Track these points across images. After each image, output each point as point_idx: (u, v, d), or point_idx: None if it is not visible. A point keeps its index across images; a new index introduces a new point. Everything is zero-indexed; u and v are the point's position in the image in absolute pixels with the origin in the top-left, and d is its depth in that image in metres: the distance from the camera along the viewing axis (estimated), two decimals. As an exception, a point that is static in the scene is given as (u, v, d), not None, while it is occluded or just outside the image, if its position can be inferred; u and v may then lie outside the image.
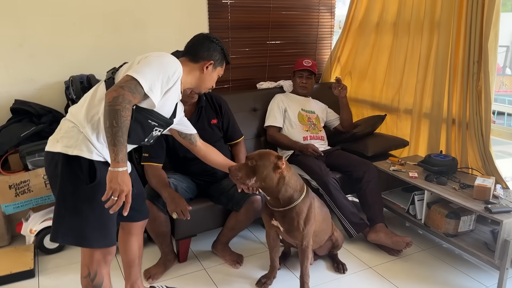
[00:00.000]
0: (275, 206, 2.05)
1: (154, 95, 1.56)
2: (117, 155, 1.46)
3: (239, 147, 2.66)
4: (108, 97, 1.46)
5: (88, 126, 1.61)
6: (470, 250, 2.37)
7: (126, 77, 1.53)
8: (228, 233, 2.55)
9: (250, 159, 1.96)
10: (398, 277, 2.41)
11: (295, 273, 2.45)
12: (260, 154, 1.97)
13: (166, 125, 1.76)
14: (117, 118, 1.44)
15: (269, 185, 1.97)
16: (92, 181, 1.60)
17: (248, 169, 1.95)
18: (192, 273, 2.46)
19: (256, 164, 1.94)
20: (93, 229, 1.63)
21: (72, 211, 1.62)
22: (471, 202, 2.36)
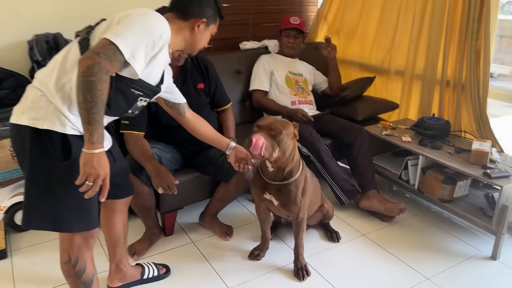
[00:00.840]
0: (274, 179, 1.90)
1: (136, 63, 1.33)
2: (91, 135, 1.26)
3: (227, 114, 2.47)
4: (82, 65, 1.24)
5: (59, 95, 1.39)
6: (466, 215, 2.33)
7: (103, 41, 1.29)
8: (217, 204, 2.41)
9: (270, 128, 1.76)
10: (392, 244, 2.36)
11: (287, 243, 2.36)
12: (280, 122, 1.79)
13: (153, 94, 1.54)
14: (92, 91, 1.23)
15: (285, 157, 1.82)
16: (66, 158, 1.39)
17: (270, 139, 1.75)
18: (179, 247, 2.33)
19: (280, 133, 1.76)
20: (71, 212, 1.45)
21: (45, 192, 1.43)
22: (468, 167, 2.29)
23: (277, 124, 1.76)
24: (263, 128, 1.77)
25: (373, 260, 2.23)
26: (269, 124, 1.77)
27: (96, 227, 1.54)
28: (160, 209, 2.30)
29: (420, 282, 2.07)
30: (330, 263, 2.21)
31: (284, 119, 1.84)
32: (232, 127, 2.43)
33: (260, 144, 1.70)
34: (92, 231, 1.54)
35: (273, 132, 1.75)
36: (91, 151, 1.27)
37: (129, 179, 1.82)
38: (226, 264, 2.19)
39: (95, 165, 1.28)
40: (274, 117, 1.85)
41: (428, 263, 2.20)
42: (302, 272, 2.08)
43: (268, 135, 1.74)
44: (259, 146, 1.70)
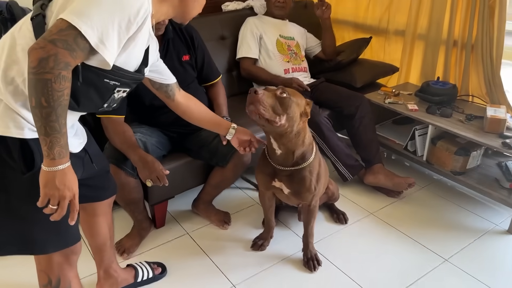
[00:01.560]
0: (283, 165, 1.67)
1: (107, 51, 1.03)
2: (51, 148, 0.99)
3: (217, 89, 2.18)
4: (32, 59, 0.94)
5: (9, 90, 1.09)
6: (480, 188, 2.18)
7: (60, 23, 0.99)
8: (212, 191, 2.17)
9: (279, 89, 1.53)
10: (403, 222, 2.20)
11: (291, 228, 2.17)
12: (291, 90, 1.56)
13: (134, 82, 1.23)
14: (48, 93, 0.95)
15: (289, 132, 1.57)
16: (29, 169, 1.11)
17: (278, 100, 1.50)
18: (173, 240, 2.10)
19: (289, 97, 1.51)
20: (42, 230, 1.17)
21: (7, 212, 1.15)
22: (483, 136, 2.12)
23: (287, 89, 1.53)
24: (271, 89, 1.54)
25: (386, 241, 2.07)
26: (279, 87, 1.55)
27: (77, 241, 1.28)
28: (149, 201, 2.04)
29: (439, 264, 1.92)
30: (340, 248, 2.03)
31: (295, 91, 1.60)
32: (225, 104, 2.16)
33: (263, 99, 1.46)
34: (73, 247, 1.28)
35: (280, 94, 1.51)
36: (52, 168, 1.01)
37: (110, 176, 1.54)
38: (227, 257, 1.98)
39: (58, 185, 1.02)
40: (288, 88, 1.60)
41: (444, 242, 2.06)
42: (312, 262, 1.90)
43: (274, 96, 1.50)
44: (261, 99, 1.45)
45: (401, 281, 1.84)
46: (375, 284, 1.82)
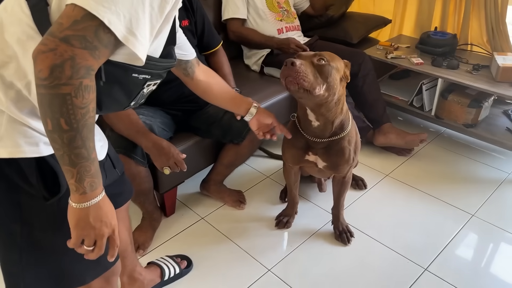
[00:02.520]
0: (321, 136, 1.51)
1: (138, 42, 0.78)
2: (80, 181, 0.77)
3: (220, 57, 1.95)
4: (41, 66, 0.70)
5: (10, 98, 0.84)
6: (494, 138, 2.17)
7: (72, 10, 0.72)
8: (224, 170, 1.99)
9: (315, 55, 1.34)
10: (419, 180, 2.16)
11: (312, 201, 2.06)
12: (329, 53, 1.37)
13: (166, 70, 0.97)
14: (68, 112, 0.71)
15: (330, 101, 1.40)
16: (53, 192, 0.88)
17: (316, 69, 1.32)
18: (189, 227, 1.92)
19: (328, 64, 1.33)
20: (78, 260, 0.96)
21: (33, 247, 0.94)
22: (496, 86, 2.07)
23: (324, 54, 1.35)
24: (305, 56, 1.35)
25: (409, 203, 2.02)
26: (314, 53, 1.36)
27: (117, 260, 1.08)
28: (160, 189, 1.83)
29: (468, 221, 1.90)
30: (367, 215, 1.95)
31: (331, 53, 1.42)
32: (230, 74, 1.94)
33: (302, 70, 1.28)
34: (113, 267, 1.08)
35: (318, 61, 1.33)
36: (83, 204, 0.79)
37: (125, 178, 1.29)
38: (253, 239, 1.84)
39: (93, 223, 0.81)
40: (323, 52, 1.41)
41: (465, 196, 2.04)
42: (346, 234, 1.81)
43: (312, 65, 1.33)
44: (301, 70, 1.28)
45: (436, 242, 1.80)
46: (413, 249, 1.77)
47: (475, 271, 1.67)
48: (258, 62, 2.39)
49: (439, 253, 1.75)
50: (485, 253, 1.76)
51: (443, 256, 1.73)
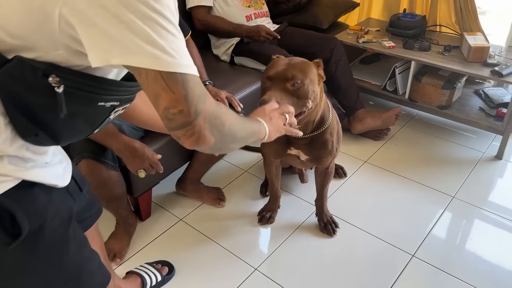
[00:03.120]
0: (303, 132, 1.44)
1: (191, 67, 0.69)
2: None
3: (189, 47, 1.80)
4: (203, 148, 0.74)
5: None
6: (469, 119, 2.18)
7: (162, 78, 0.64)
8: (201, 167, 1.89)
9: (286, 78, 1.24)
10: (397, 165, 2.14)
11: (294, 193, 2.00)
12: (299, 66, 1.27)
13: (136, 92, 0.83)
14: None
15: (314, 109, 1.36)
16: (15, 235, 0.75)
17: (293, 94, 1.24)
18: (168, 230, 1.82)
19: (303, 84, 1.25)
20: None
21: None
22: (469, 66, 2.08)
23: (293, 71, 1.25)
24: (277, 80, 1.25)
25: (391, 189, 2.00)
26: (283, 72, 1.25)
27: (109, 280, 0.98)
28: (133, 193, 1.72)
29: (449, 203, 1.91)
30: (350, 204, 1.92)
31: (301, 59, 1.34)
32: (202, 67, 1.84)
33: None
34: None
35: (292, 85, 1.24)
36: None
37: (93, 197, 1.14)
38: (236, 238, 1.77)
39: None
40: (285, 59, 1.32)
41: (444, 179, 2.04)
42: (330, 225, 1.77)
43: (286, 92, 1.23)
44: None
45: (420, 227, 1.79)
46: (399, 236, 1.75)
47: (459, 253, 1.67)
48: (228, 52, 2.29)
49: (424, 238, 1.74)
50: (468, 233, 1.76)
51: (428, 240, 1.73)
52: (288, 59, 1.31)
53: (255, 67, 2.22)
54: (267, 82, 1.27)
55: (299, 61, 1.30)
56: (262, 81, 1.31)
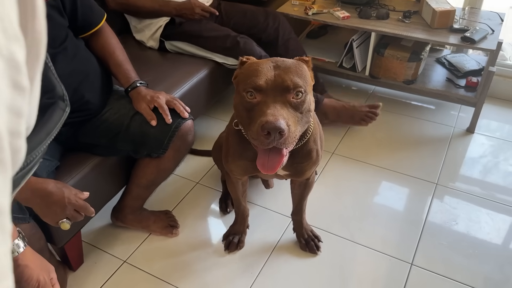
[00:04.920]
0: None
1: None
2: None
3: (107, 38, 1.37)
4: None
5: None
6: (438, 92, 1.97)
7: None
8: (143, 193, 1.47)
9: (290, 89, 0.90)
10: (368, 153, 1.88)
11: (258, 203, 1.66)
12: (296, 71, 0.93)
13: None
14: None
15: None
16: None
17: (293, 112, 0.92)
18: (110, 279, 1.40)
19: (306, 93, 0.92)
20: None
21: None
22: (435, 33, 1.85)
23: (294, 78, 0.91)
24: (272, 92, 0.90)
25: (368, 183, 1.74)
26: (280, 79, 0.90)
27: None
28: (57, 243, 1.28)
29: (434, 191, 1.69)
30: (327, 209, 1.63)
31: (289, 59, 0.97)
32: (127, 61, 1.38)
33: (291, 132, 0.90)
34: None
35: (296, 98, 0.91)
36: None
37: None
38: (201, 276, 1.40)
39: None
40: (267, 61, 0.95)
41: (421, 163, 1.82)
42: (313, 242, 1.47)
43: (288, 108, 0.90)
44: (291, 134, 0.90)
45: (412, 226, 1.55)
46: (390, 242, 1.50)
47: (459, 253, 1.46)
48: (155, 36, 1.84)
49: (418, 240, 1.51)
50: (466, 227, 1.56)
51: (423, 242, 1.49)
52: (272, 60, 0.95)
53: (194, 52, 1.81)
54: (256, 95, 0.90)
55: (291, 62, 0.95)
56: (241, 91, 0.93)
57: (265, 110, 0.86)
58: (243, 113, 0.93)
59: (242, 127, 0.98)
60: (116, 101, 1.36)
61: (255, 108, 0.89)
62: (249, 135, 0.92)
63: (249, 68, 0.95)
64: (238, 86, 0.97)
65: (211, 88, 1.80)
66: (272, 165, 0.94)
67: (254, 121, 0.89)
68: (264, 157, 0.94)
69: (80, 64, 1.25)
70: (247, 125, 0.93)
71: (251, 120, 0.90)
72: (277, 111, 0.86)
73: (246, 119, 0.93)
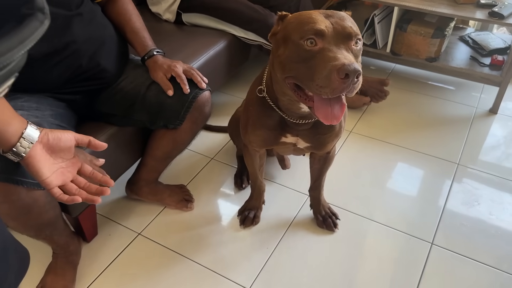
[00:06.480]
0: (307, 117, 1.06)
1: None
2: None
3: (123, 2, 1.33)
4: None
5: None
6: (461, 71, 1.90)
7: None
8: (158, 165, 1.45)
9: (352, 35, 0.86)
10: (387, 132, 1.84)
11: (277, 181, 1.63)
12: (350, 19, 0.89)
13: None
14: None
15: None
16: None
17: (355, 55, 0.89)
18: (124, 251, 1.39)
19: (361, 41, 0.90)
20: None
21: None
22: (461, 9, 1.78)
23: (352, 25, 0.88)
24: (334, 38, 0.85)
25: (386, 162, 1.70)
26: (341, 25, 0.86)
27: None
28: (71, 212, 1.26)
29: (456, 170, 1.65)
30: (345, 187, 1.59)
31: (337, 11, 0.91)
32: (144, 28, 1.35)
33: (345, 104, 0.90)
34: None
35: (355, 45, 0.88)
36: None
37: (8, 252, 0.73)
38: (216, 250, 1.38)
39: None
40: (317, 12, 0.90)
41: (442, 143, 1.78)
42: (331, 219, 1.44)
43: (350, 54, 0.86)
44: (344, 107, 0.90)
45: (432, 205, 1.51)
46: (410, 221, 1.46)
47: (484, 234, 1.42)
48: (172, 9, 1.79)
49: (439, 219, 1.47)
50: (486, 207, 1.52)
51: (444, 222, 1.46)
52: (320, 11, 0.90)
53: (211, 25, 1.77)
54: (318, 42, 0.85)
55: (341, 13, 0.90)
56: (297, 40, 0.87)
57: (334, 55, 0.81)
58: (299, 65, 0.87)
59: (298, 81, 0.90)
60: (133, 70, 1.32)
61: (316, 56, 0.83)
62: (313, 85, 0.85)
63: (300, 18, 0.89)
64: (289, 37, 0.90)
65: (228, 61, 1.75)
66: (337, 114, 0.89)
67: (317, 69, 0.83)
68: (325, 107, 0.89)
69: (96, 30, 1.21)
70: (307, 76, 0.86)
71: (313, 70, 0.84)
72: (347, 56, 0.82)
73: (305, 70, 0.86)
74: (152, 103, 1.26)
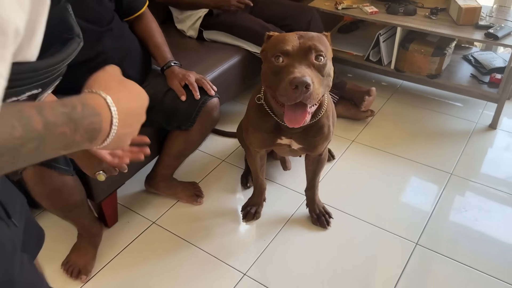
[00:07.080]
0: None
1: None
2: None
3: (148, 23, 1.55)
4: None
5: None
6: (461, 87, 2.02)
7: None
8: (173, 162, 1.65)
9: (312, 51, 1.03)
10: (388, 142, 1.97)
11: (278, 182, 1.79)
12: (317, 39, 1.06)
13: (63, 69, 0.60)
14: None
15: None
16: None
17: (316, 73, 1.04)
18: (139, 236, 1.58)
19: (327, 58, 1.06)
20: None
21: None
22: (460, 30, 1.90)
23: (315, 43, 1.04)
24: (297, 55, 1.03)
25: (384, 170, 1.83)
26: (303, 44, 1.03)
27: None
28: (95, 198, 1.47)
29: (448, 180, 1.76)
30: (341, 190, 1.74)
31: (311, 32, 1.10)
32: (165, 43, 1.56)
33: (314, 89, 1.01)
34: None
35: (316, 59, 1.04)
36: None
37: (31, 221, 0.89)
38: (219, 240, 1.55)
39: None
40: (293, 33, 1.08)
41: (439, 154, 1.89)
42: (324, 217, 1.58)
43: (311, 68, 1.03)
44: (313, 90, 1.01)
45: (420, 210, 1.63)
46: (398, 222, 1.59)
47: (466, 237, 1.52)
48: (195, 26, 2.01)
49: (426, 222, 1.58)
50: (472, 214, 1.62)
51: (431, 225, 1.57)
52: (297, 32, 1.08)
53: (228, 41, 1.97)
54: (283, 59, 1.03)
55: (313, 33, 1.08)
56: (269, 57, 1.06)
57: (293, 69, 0.99)
58: (272, 77, 1.06)
59: (270, 91, 1.09)
60: (153, 78, 1.54)
61: (283, 70, 1.02)
62: (277, 94, 1.03)
63: (277, 38, 1.08)
64: (266, 55, 1.10)
65: (241, 74, 1.94)
66: (298, 119, 1.05)
67: (282, 81, 1.01)
68: (290, 112, 1.06)
69: (123, 43, 1.43)
70: (275, 86, 1.04)
71: (280, 81, 1.02)
72: (303, 70, 0.99)
73: (275, 81, 1.04)
74: (168, 106, 1.46)
